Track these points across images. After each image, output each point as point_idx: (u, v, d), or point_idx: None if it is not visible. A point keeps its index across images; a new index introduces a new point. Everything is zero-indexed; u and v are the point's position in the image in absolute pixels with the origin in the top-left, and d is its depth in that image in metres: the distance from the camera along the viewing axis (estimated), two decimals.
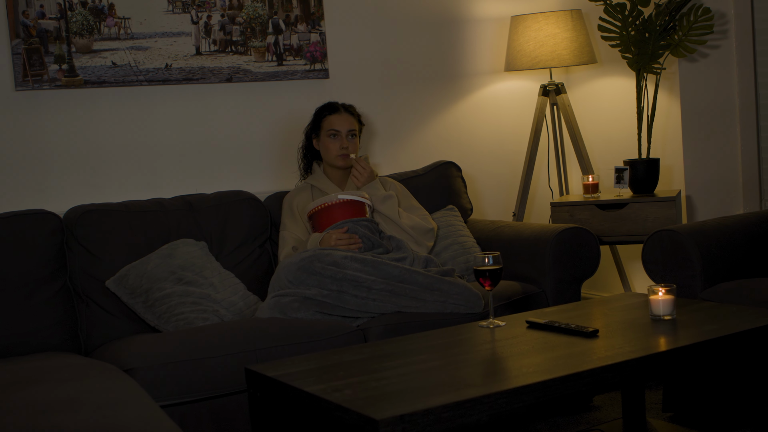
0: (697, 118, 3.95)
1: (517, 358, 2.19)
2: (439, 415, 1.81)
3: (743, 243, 3.18)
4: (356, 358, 2.26)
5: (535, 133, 4.12)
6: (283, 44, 3.73)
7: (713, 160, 3.95)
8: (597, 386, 2.06)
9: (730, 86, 3.91)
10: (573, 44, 3.98)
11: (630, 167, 3.76)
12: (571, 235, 3.31)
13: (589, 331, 2.32)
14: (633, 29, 3.70)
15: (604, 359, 2.10)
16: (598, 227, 3.71)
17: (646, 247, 3.15)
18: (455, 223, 3.61)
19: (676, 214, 3.63)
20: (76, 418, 1.94)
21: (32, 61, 3.23)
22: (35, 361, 2.61)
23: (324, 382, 2.03)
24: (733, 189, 3.95)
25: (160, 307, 2.92)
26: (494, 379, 2.09)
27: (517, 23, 4.06)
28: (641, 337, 2.32)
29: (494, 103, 4.34)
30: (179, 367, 2.60)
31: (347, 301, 2.93)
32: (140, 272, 2.98)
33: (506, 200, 4.38)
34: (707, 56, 3.90)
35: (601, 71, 4.35)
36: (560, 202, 3.84)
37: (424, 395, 1.91)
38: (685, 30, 3.65)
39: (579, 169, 4.26)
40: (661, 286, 2.47)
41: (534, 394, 1.94)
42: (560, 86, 4.12)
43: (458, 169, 3.88)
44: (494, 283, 2.48)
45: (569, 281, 3.30)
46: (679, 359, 2.19)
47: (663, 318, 2.45)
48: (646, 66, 3.71)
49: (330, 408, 1.90)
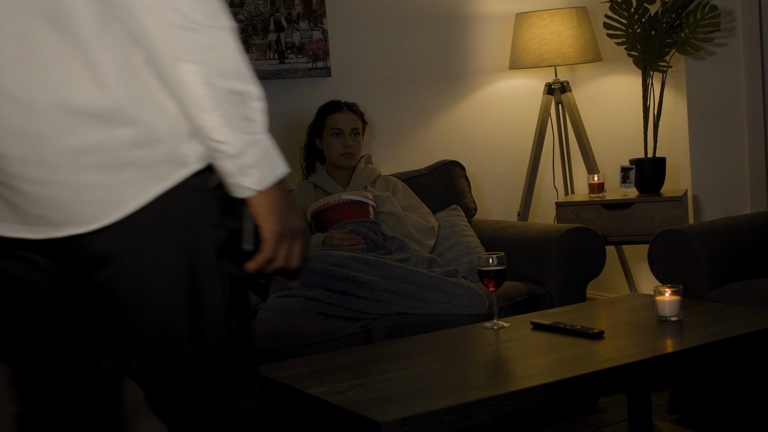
0: (704, 117, 3.93)
1: (522, 360, 2.18)
2: (443, 417, 1.79)
3: (751, 243, 3.16)
4: (359, 360, 2.24)
5: (540, 132, 4.10)
6: (284, 42, 3.71)
7: (720, 159, 3.93)
8: (602, 388, 2.04)
9: (737, 84, 3.88)
10: (578, 42, 3.96)
11: (636, 166, 3.74)
12: (577, 235, 3.30)
13: (595, 333, 2.30)
14: (639, 27, 3.68)
15: (610, 361, 2.08)
16: (603, 227, 3.69)
17: (652, 248, 3.13)
18: (459, 223, 3.59)
19: (683, 214, 3.61)
20: None
21: None
22: None
23: (326, 384, 2.02)
24: (741, 188, 3.93)
25: None
26: (498, 381, 2.07)
27: (522, 21, 4.04)
28: (647, 339, 2.31)
29: (498, 101, 4.32)
30: None
31: (350, 302, 2.91)
32: None
33: (511, 200, 4.35)
34: (714, 54, 3.87)
35: (606, 69, 4.33)
36: (565, 202, 3.82)
37: (428, 397, 1.89)
38: (691, 27, 3.62)
39: (584, 168, 4.24)
40: (668, 287, 2.45)
41: (539, 396, 1.93)
42: (565, 84, 4.10)
43: (462, 168, 3.87)
44: (498, 283, 2.46)
45: (574, 282, 3.29)
46: (685, 361, 2.17)
47: (669, 319, 2.44)
48: (653, 64, 3.69)
49: (332, 410, 1.88)
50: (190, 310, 1.42)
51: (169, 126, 1.36)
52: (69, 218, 1.35)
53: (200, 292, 1.41)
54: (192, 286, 1.41)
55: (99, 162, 1.33)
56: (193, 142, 1.38)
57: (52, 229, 1.37)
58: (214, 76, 1.31)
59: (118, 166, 1.34)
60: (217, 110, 1.32)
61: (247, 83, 1.36)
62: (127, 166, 1.34)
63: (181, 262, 1.39)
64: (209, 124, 1.33)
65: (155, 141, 1.35)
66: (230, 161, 1.35)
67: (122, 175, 1.34)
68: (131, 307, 1.41)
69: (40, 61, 1.32)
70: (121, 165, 1.34)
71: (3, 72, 1.32)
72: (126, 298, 1.41)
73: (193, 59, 1.30)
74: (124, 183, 1.34)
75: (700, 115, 3.93)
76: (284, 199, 1.42)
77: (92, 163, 1.33)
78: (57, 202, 1.35)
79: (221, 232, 1.42)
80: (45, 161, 1.33)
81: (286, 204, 1.42)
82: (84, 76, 1.32)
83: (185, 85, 1.31)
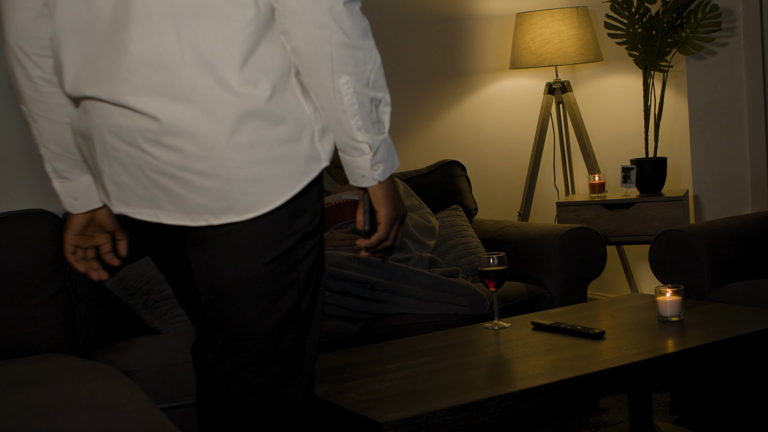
0: (705, 117, 3.92)
1: (523, 360, 2.17)
2: (443, 417, 1.79)
3: (752, 243, 3.16)
4: (359, 360, 2.25)
5: (541, 132, 4.10)
6: None
7: (721, 159, 3.92)
8: (603, 389, 2.04)
9: (738, 84, 3.88)
10: (579, 42, 3.95)
11: (637, 166, 3.74)
12: (577, 235, 3.29)
13: (596, 333, 2.30)
14: (640, 26, 3.67)
15: (611, 361, 2.08)
16: (604, 227, 3.69)
17: (653, 248, 3.13)
18: (459, 223, 3.58)
19: (684, 214, 3.61)
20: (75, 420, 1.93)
21: None
22: (34, 363, 2.59)
23: (327, 385, 2.02)
24: (742, 188, 3.92)
25: (161, 308, 2.90)
26: (499, 382, 2.07)
27: (523, 20, 4.03)
28: (648, 339, 2.30)
29: (499, 101, 4.31)
30: (180, 369, 2.58)
31: (350, 303, 2.90)
32: (140, 273, 2.95)
33: (511, 200, 4.35)
34: (715, 54, 3.87)
35: (607, 69, 4.32)
36: (566, 202, 3.82)
37: (428, 398, 1.89)
38: (692, 27, 3.62)
39: (585, 168, 4.24)
40: (669, 287, 2.45)
41: (540, 397, 1.93)
42: (566, 84, 4.10)
43: (462, 168, 3.86)
44: (499, 284, 2.46)
45: (575, 282, 3.28)
46: (686, 361, 2.17)
47: (670, 319, 2.43)
48: (653, 64, 3.68)
49: (333, 410, 1.88)
50: (277, 293, 1.58)
51: (310, 126, 1.55)
52: (230, 207, 1.52)
53: (289, 274, 1.59)
54: (285, 270, 1.58)
55: (259, 157, 1.50)
56: (323, 141, 1.57)
57: (213, 217, 1.53)
58: (361, 86, 1.52)
59: (274, 161, 1.51)
60: (360, 115, 1.53)
61: (383, 91, 1.57)
62: (280, 161, 1.52)
63: (283, 246, 1.57)
64: (353, 126, 1.53)
65: (301, 138, 1.54)
66: (364, 157, 1.56)
67: (276, 169, 1.52)
68: (228, 287, 1.58)
69: (209, 66, 1.49)
70: (276, 160, 1.52)
71: (178, 74, 1.48)
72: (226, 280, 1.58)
73: (349, 72, 1.50)
74: (278, 176, 1.52)
75: (701, 114, 3.93)
76: (395, 188, 1.64)
77: (254, 158, 1.50)
78: (221, 194, 1.51)
79: (317, 220, 1.62)
80: (213, 157, 1.49)
81: (396, 192, 1.64)
82: (248, 82, 1.51)
83: (340, 94, 1.51)
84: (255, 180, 1.51)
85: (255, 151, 1.50)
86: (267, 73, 1.51)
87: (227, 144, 1.49)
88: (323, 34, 1.48)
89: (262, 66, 1.51)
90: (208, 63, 1.47)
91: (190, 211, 1.54)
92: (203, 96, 1.48)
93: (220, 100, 1.48)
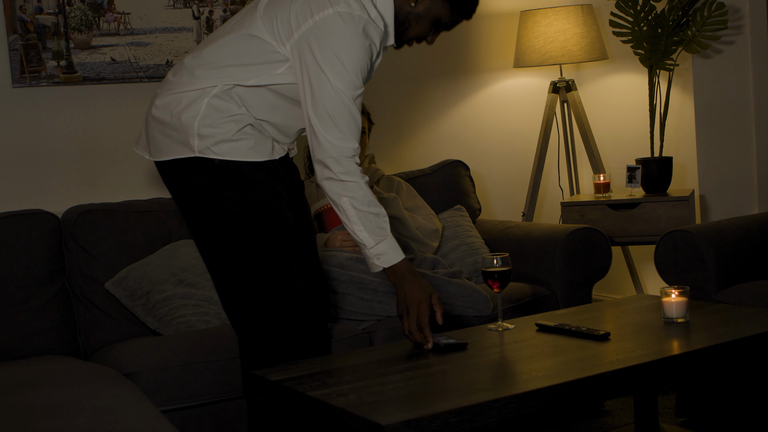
0: (711, 116, 3.91)
1: (527, 362, 2.16)
2: (447, 420, 1.78)
3: (758, 244, 3.15)
4: (361, 362, 2.24)
5: (545, 131, 4.08)
6: None
7: (727, 158, 3.91)
8: (608, 391, 2.03)
9: (744, 83, 3.86)
10: (584, 40, 3.93)
11: (642, 166, 3.73)
12: (582, 235, 3.28)
13: (601, 334, 2.28)
14: (645, 24, 3.66)
15: (616, 363, 2.06)
16: (609, 227, 3.67)
17: (658, 248, 3.11)
18: (463, 223, 3.57)
19: (690, 214, 3.59)
20: (75, 423, 1.92)
21: (29, 58, 3.20)
22: (33, 365, 2.59)
23: (328, 387, 2.00)
24: (748, 188, 3.91)
25: (161, 309, 2.88)
26: (503, 384, 2.06)
27: (527, 18, 4.01)
28: (654, 340, 2.29)
29: (503, 100, 4.30)
30: (180, 371, 2.58)
31: (352, 304, 2.89)
32: (140, 274, 2.94)
33: (515, 200, 4.33)
34: (721, 52, 3.85)
35: (612, 68, 4.31)
36: (571, 202, 3.80)
37: (431, 400, 1.88)
38: (698, 25, 3.60)
39: (590, 167, 4.22)
40: (674, 288, 2.43)
41: (544, 399, 1.91)
42: (571, 83, 4.08)
43: (466, 168, 3.85)
44: (503, 284, 2.45)
45: (580, 283, 3.27)
46: (692, 363, 2.16)
47: (676, 321, 2.42)
48: (659, 62, 3.67)
49: (334, 413, 1.87)
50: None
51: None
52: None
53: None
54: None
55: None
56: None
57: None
58: (359, 204, 2.20)
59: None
60: (360, 223, 2.21)
61: (379, 207, 2.22)
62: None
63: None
64: (356, 230, 2.21)
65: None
66: (368, 251, 2.23)
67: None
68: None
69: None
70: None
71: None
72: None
73: (348, 195, 2.20)
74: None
75: (707, 113, 3.91)
76: (405, 275, 2.24)
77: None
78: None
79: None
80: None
81: (407, 278, 2.24)
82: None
83: (344, 208, 2.20)
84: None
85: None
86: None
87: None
88: (323, 173, 2.23)
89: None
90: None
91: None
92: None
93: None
